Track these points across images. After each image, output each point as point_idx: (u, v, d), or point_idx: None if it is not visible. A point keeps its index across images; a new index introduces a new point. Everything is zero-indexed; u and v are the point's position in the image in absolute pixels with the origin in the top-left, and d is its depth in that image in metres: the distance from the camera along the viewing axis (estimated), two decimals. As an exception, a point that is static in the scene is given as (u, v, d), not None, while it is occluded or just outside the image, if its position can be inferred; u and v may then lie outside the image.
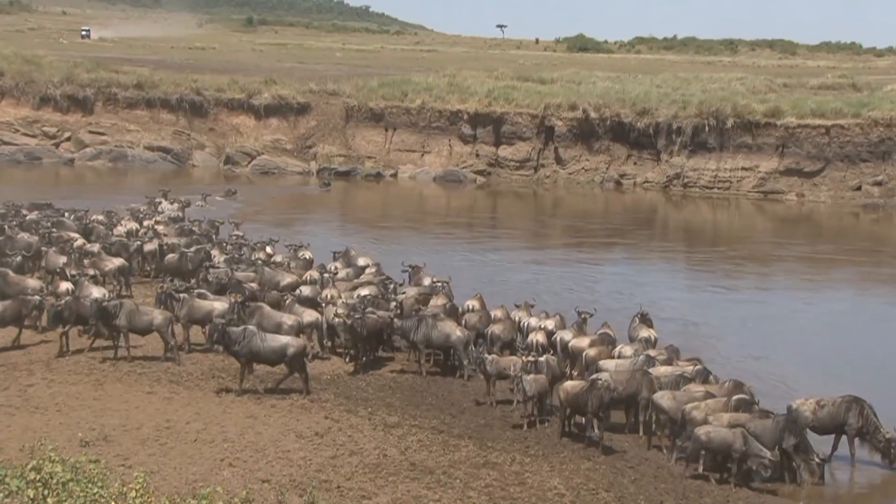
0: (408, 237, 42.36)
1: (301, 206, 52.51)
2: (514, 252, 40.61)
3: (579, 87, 67.01)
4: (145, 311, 21.94)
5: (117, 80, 64.35)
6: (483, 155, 62.35)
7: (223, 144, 63.39)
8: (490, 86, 65.54)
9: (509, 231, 47.19)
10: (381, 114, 63.84)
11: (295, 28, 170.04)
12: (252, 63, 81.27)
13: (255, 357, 19.99)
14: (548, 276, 35.10)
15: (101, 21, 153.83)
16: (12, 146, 60.86)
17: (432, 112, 63.26)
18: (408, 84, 66.26)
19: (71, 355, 21.53)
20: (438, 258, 36.59)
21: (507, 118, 62.08)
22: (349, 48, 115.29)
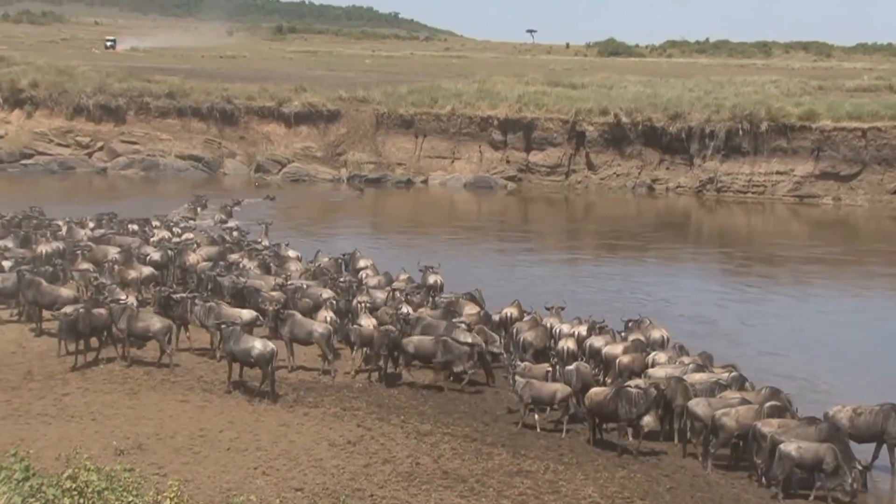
0: (439, 243, 42.38)
1: (332, 212, 52.70)
2: (546, 258, 40.54)
3: (610, 92, 66.77)
4: (143, 318, 22.17)
5: (149, 90, 64.94)
6: (514, 161, 62.28)
7: (254, 152, 63.76)
8: (520, 91, 65.46)
9: (541, 237, 47.13)
10: (411, 120, 63.97)
11: (324, 35, 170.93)
12: (282, 71, 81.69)
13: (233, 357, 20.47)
14: (580, 282, 34.99)
15: (132, 31, 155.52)
16: (46, 156, 61.58)
17: (462, 118, 63.29)
18: (438, 90, 66.32)
19: (105, 364, 21.73)
20: (469, 264, 36.64)
21: (537, 124, 61.98)
22: (379, 55, 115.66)
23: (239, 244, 32.93)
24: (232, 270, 27.87)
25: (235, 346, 20.39)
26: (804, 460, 16.40)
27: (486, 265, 37.62)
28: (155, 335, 21.96)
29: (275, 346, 20.64)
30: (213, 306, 23.01)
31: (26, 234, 31.63)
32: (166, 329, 22.05)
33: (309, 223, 47.05)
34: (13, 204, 39.44)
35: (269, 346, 20.37)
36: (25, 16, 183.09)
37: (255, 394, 20.20)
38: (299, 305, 24.26)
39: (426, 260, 30.56)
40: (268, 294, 25.01)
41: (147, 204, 41.83)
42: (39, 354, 22.18)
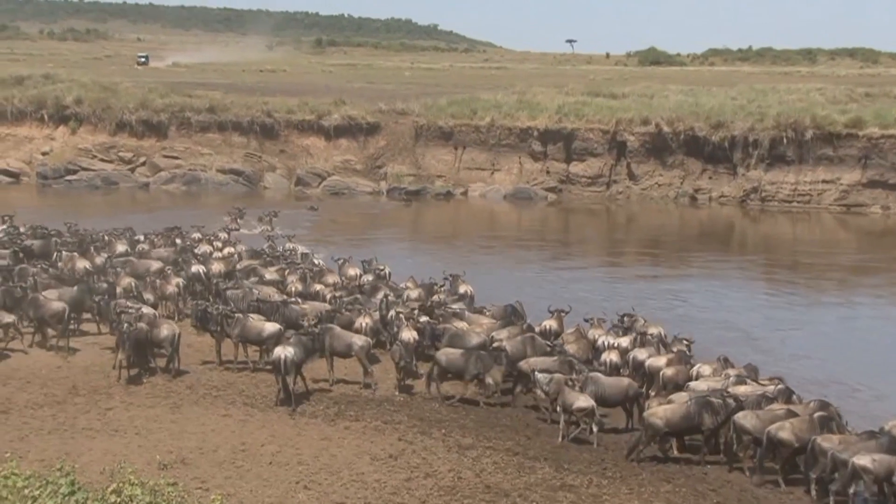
0: (479, 255, 42.36)
1: (371, 224, 52.90)
2: (587, 269, 40.36)
3: (651, 101, 66.46)
4: (158, 324, 22.58)
5: (190, 105, 65.66)
6: (554, 172, 62.12)
7: (294, 166, 64.18)
8: (560, 102, 65.32)
9: (582, 248, 46.95)
10: (451, 132, 64.07)
11: (364, 48, 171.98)
12: (322, 84, 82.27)
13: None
14: (623, 294, 34.76)
15: (175, 46, 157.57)
16: (90, 172, 62.49)
17: (502, 129, 63.28)
18: (477, 102, 66.37)
19: (148, 378, 21.95)
20: (509, 276, 36.58)
21: (577, 134, 61.80)
22: (418, 67, 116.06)
23: (278, 258, 33.08)
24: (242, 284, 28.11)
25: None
26: (879, 473, 16.15)
27: (527, 277, 37.50)
28: (161, 343, 22.26)
29: (290, 353, 20.71)
30: (240, 318, 23.13)
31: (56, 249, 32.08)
32: (172, 337, 22.34)
33: (348, 235, 47.22)
34: (56, 219, 39.92)
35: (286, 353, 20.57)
36: (70, 33, 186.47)
37: (297, 408, 20.28)
38: (340, 319, 24.31)
39: (462, 271, 30.56)
40: (299, 308, 25.00)
41: (188, 218, 42.18)
42: (84, 369, 22.45)
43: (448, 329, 23.42)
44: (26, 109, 65.32)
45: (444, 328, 23.48)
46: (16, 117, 65.25)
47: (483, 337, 23.26)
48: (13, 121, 65.25)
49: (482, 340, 23.05)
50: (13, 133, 65.13)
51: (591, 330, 24.55)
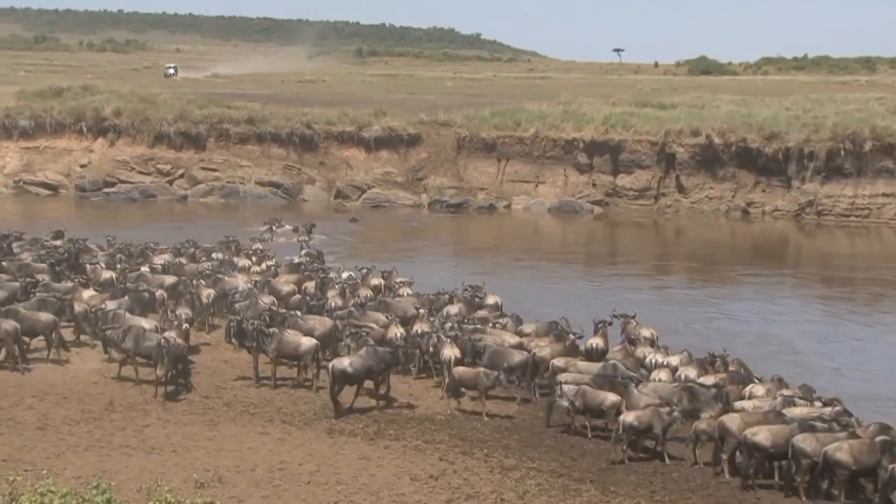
0: (522, 269, 42.30)
1: (413, 237, 53.01)
2: (635, 285, 40.09)
3: (702, 112, 66.03)
4: (149, 336, 22.79)
5: (229, 116, 66.33)
6: (600, 184, 61.90)
7: (333, 178, 64.55)
8: (607, 112, 65.13)
9: (630, 263, 46.67)
10: (494, 144, 64.10)
11: (405, 58, 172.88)
12: (362, 95, 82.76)
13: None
14: (672, 311, 34.52)
15: (214, 57, 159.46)
16: (128, 184, 63.28)
17: (546, 141, 63.22)
18: (521, 113, 66.37)
19: (185, 395, 22.14)
20: (554, 292, 36.45)
21: (625, 146, 61.57)
22: (460, 77, 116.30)
23: (317, 271, 33.25)
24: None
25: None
26: None
27: (572, 293, 37.34)
28: (149, 353, 22.63)
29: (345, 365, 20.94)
30: (276, 333, 23.28)
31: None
32: (159, 348, 22.67)
33: (388, 248, 47.38)
34: (96, 232, 40.45)
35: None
36: (109, 44, 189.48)
37: (336, 426, 20.35)
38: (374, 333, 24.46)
39: (482, 281, 30.60)
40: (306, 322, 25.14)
41: (226, 231, 42.55)
42: (121, 385, 22.69)
43: (489, 346, 23.40)
44: (65, 121, 66.35)
45: (484, 345, 23.46)
46: (55, 129, 66.31)
47: (525, 355, 23.20)
48: (52, 133, 66.32)
49: (525, 358, 23.00)
50: (52, 145, 66.20)
51: (640, 348, 24.40)
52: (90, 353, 25.11)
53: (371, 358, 21.73)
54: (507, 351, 23.40)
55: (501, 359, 22.95)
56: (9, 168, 65.47)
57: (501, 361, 22.86)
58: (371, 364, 21.68)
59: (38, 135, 66.31)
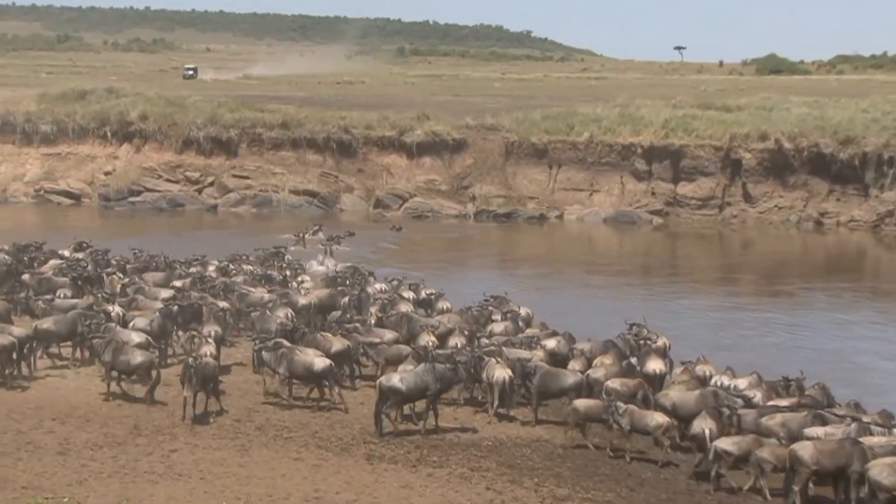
0: (574, 284, 42.19)
1: (458, 249, 53.13)
2: (697, 302, 39.85)
3: (770, 115, 65.60)
4: (128, 351, 23.17)
5: (262, 120, 66.91)
6: (660, 193, 61.66)
7: (373, 186, 64.85)
8: (667, 115, 64.96)
9: (692, 278, 46.39)
10: (545, 149, 64.07)
11: (450, 58, 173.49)
12: (404, 97, 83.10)
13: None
14: (736, 327, 34.26)
15: (246, 57, 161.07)
16: (155, 193, 63.96)
17: (602, 146, 63.08)
18: (574, 116, 66.31)
19: (214, 418, 22.30)
20: (610, 309, 36.28)
21: (686, 151, 61.29)
22: (509, 78, 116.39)
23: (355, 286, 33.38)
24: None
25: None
26: None
27: (630, 309, 37.05)
28: (135, 369, 22.99)
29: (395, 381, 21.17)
30: (286, 352, 23.41)
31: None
32: (150, 363, 23.07)
33: (431, 260, 47.52)
34: (121, 244, 40.92)
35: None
36: (136, 44, 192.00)
37: (375, 452, 20.40)
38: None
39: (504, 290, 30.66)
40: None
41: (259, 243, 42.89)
42: (146, 407, 22.90)
43: (540, 367, 23.35)
44: (88, 126, 67.31)
45: (536, 366, 23.42)
46: (77, 135, 67.31)
47: (579, 377, 23.13)
48: (75, 138, 67.33)
49: (578, 380, 22.93)
50: (74, 151, 67.16)
51: (700, 365, 24.22)
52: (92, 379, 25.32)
53: (427, 375, 21.65)
54: (559, 373, 23.33)
55: (554, 381, 22.91)
56: (29, 176, 66.49)
57: (554, 384, 22.81)
58: (427, 382, 21.54)
59: (60, 140, 67.35)
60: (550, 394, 23.10)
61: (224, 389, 24.03)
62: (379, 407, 21.37)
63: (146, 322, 26.35)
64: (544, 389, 22.83)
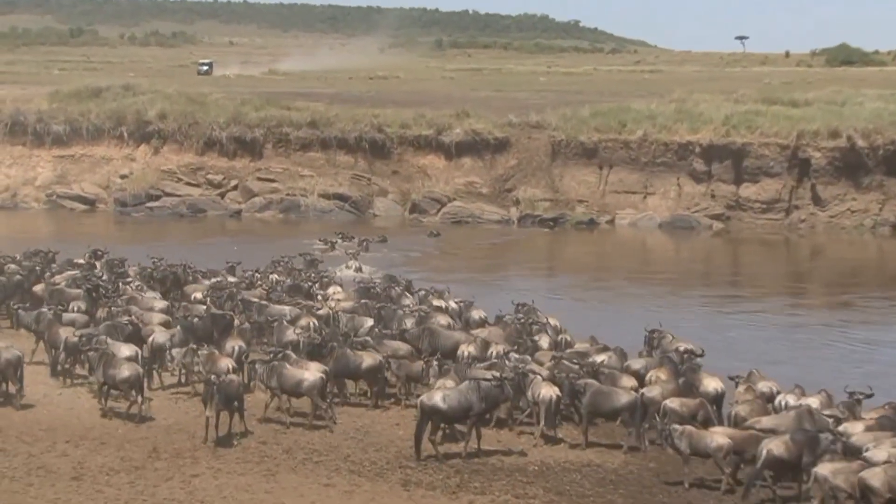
0: (627, 296, 42.06)
1: (501, 257, 53.15)
2: (763, 315, 39.58)
3: (842, 110, 65.20)
4: (117, 364, 23.52)
5: (289, 119, 67.25)
6: (720, 195, 61.42)
7: (408, 190, 65.02)
8: (728, 111, 64.73)
9: (756, 289, 46.11)
10: (595, 149, 63.98)
11: (491, 50, 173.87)
12: (442, 93, 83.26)
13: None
14: (807, 345, 34.00)
15: (272, 50, 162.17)
16: (174, 197, 64.39)
17: (657, 145, 62.94)
18: (626, 112, 66.23)
19: (239, 441, 22.39)
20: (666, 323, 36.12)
21: (749, 150, 61.02)
22: (555, 71, 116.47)
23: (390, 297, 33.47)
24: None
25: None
26: None
27: (687, 324, 36.94)
28: (121, 384, 23.39)
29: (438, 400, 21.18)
30: (276, 365, 23.61)
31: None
32: (137, 377, 23.39)
33: (472, 270, 47.58)
34: (138, 253, 41.22)
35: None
36: (154, 37, 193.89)
37: (412, 477, 20.41)
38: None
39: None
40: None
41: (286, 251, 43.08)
42: (166, 428, 23.03)
43: (590, 385, 23.28)
44: (103, 126, 67.91)
45: (585, 383, 23.36)
46: (92, 135, 67.89)
47: (633, 396, 23.03)
48: (89, 139, 67.91)
49: (632, 400, 22.82)
50: (89, 153, 67.78)
51: (762, 382, 24.02)
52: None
53: (472, 393, 21.62)
54: (611, 391, 23.23)
55: (605, 400, 22.81)
56: (41, 179, 67.12)
57: (605, 403, 22.70)
58: (471, 401, 21.49)
59: (74, 142, 67.99)
60: (602, 414, 23.03)
61: (249, 409, 24.10)
62: (420, 428, 21.36)
63: (167, 337, 26.54)
64: (595, 409, 22.73)
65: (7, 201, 66.01)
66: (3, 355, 24.11)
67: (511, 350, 26.14)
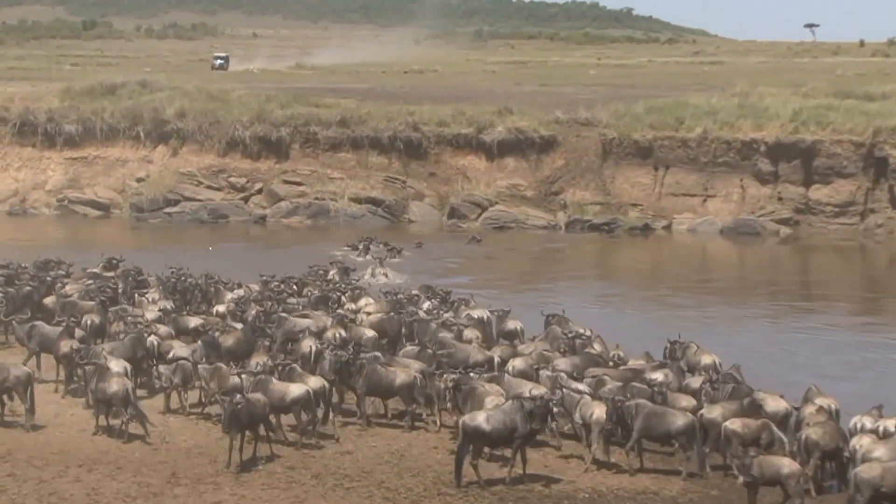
0: (685, 308, 41.87)
1: (546, 266, 53.08)
2: (836, 330, 39.30)
3: (925, 104, 64.81)
4: (107, 378, 23.93)
5: (317, 117, 67.40)
6: (788, 198, 61.11)
7: (446, 193, 65.05)
8: (796, 106, 64.42)
9: (828, 301, 45.82)
10: (649, 147, 63.83)
11: (536, 41, 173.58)
12: (482, 88, 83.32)
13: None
14: (883, 363, 33.71)
15: (298, 43, 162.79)
16: (194, 202, 64.64)
17: (718, 143, 62.71)
18: (684, 108, 66.03)
19: (264, 465, 22.48)
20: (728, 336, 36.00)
21: (820, 148, 60.70)
22: (606, 64, 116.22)
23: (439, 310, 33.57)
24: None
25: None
26: None
27: (752, 337, 36.84)
28: (112, 398, 23.77)
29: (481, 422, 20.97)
30: (263, 378, 23.93)
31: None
32: (123, 394, 23.69)
33: (514, 280, 47.57)
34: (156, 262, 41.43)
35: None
36: (172, 30, 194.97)
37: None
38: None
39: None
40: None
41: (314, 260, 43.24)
42: (185, 451, 23.16)
43: (642, 406, 23.20)
44: (118, 126, 68.30)
45: (636, 404, 23.29)
46: (106, 136, 68.31)
47: (690, 418, 22.91)
48: (103, 140, 68.32)
49: (690, 422, 22.69)
50: (103, 155, 68.21)
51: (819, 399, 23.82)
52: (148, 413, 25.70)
53: (516, 414, 21.58)
54: (666, 413, 23.11)
55: (659, 423, 22.69)
56: (51, 184, 67.62)
57: (659, 426, 22.58)
58: (516, 422, 21.43)
59: (87, 142, 68.44)
60: (656, 438, 22.94)
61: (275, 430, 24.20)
62: (461, 452, 21.31)
63: (187, 353, 26.69)
64: (648, 433, 22.63)
65: (16, 207, 66.47)
66: (12, 372, 24.39)
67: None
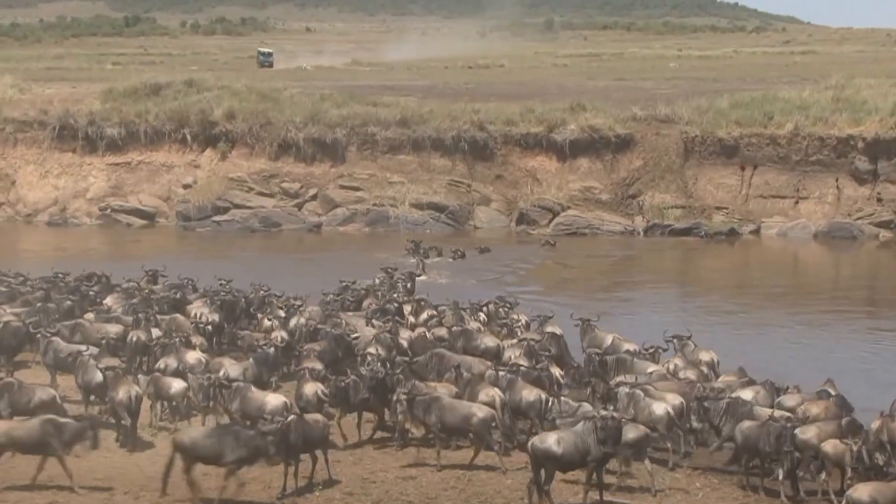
0: (774, 318, 41.65)
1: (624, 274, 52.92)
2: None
3: None
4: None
5: (375, 116, 67.50)
6: (888, 199, 60.59)
7: (515, 197, 65.00)
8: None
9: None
10: (735, 146, 63.47)
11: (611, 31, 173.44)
12: (553, 83, 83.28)
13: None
14: None
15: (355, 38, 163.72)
16: (245, 209, 64.89)
17: (810, 141, 62.24)
18: (773, 102, 65.66)
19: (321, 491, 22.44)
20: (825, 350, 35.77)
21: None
22: (688, 55, 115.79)
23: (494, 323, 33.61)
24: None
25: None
26: None
27: (850, 351, 36.52)
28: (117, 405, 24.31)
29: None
30: (240, 387, 24.44)
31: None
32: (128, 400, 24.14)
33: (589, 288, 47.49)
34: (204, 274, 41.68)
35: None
36: (220, 25, 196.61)
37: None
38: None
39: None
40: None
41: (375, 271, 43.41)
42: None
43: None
44: (163, 129, 68.66)
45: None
46: (150, 139, 68.74)
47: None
48: (147, 144, 68.70)
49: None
50: (147, 160, 68.59)
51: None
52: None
53: (589, 436, 21.35)
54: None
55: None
56: (93, 191, 68.13)
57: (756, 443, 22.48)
58: (588, 445, 21.20)
59: (130, 147, 68.86)
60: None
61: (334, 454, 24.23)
62: (536, 477, 21.23)
63: (238, 372, 26.81)
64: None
65: (56, 216, 67.04)
66: (38, 394, 24.74)
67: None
